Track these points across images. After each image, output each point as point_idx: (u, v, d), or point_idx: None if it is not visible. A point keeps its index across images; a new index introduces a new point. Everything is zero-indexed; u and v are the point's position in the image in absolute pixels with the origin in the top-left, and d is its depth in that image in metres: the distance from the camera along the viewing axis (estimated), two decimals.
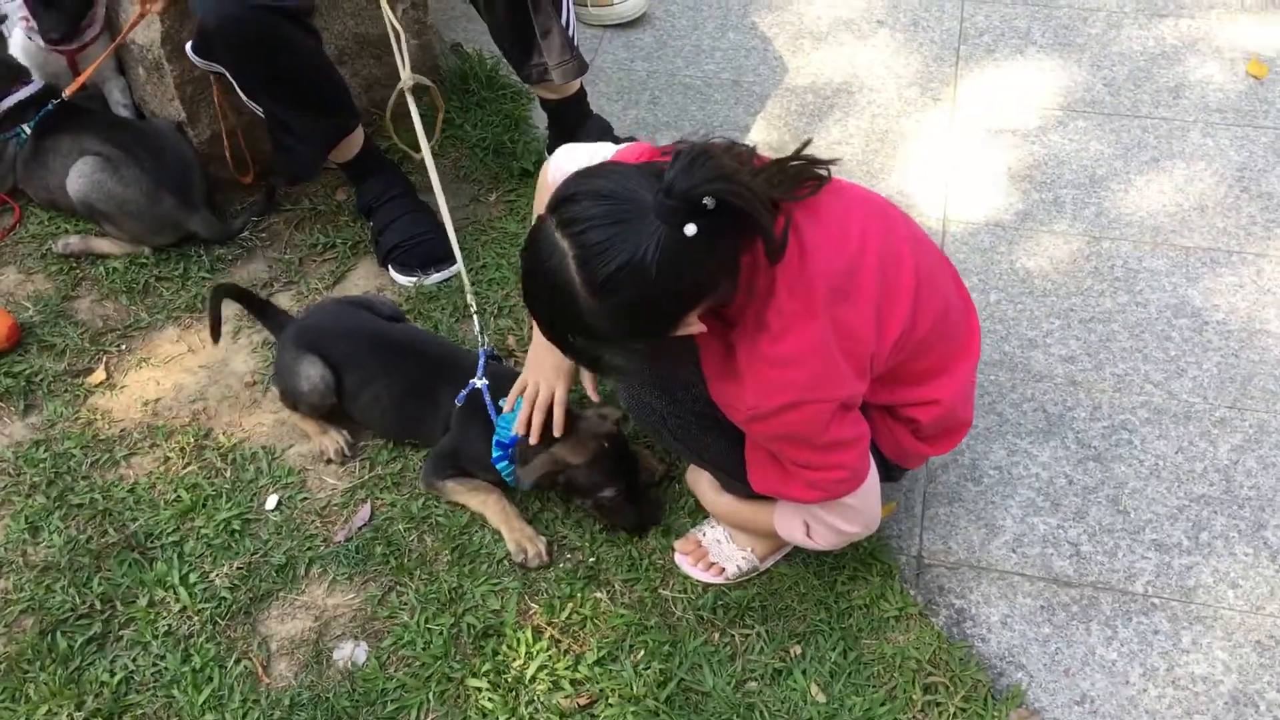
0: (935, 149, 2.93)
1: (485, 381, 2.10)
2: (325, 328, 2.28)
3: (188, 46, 2.38)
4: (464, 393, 2.11)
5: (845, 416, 1.64)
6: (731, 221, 1.44)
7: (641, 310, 1.48)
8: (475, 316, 2.23)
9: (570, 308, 1.48)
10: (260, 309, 2.41)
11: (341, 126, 2.53)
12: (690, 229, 1.41)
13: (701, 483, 2.04)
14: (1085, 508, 2.15)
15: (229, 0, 2.21)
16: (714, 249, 1.45)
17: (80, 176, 2.58)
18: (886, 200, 1.77)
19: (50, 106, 2.62)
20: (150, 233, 2.63)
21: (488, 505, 2.10)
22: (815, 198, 1.61)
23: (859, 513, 1.79)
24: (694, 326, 1.54)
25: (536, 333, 2.01)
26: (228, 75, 2.37)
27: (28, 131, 2.63)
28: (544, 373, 2.01)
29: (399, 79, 2.89)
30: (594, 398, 2.04)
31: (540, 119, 2.99)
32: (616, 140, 2.68)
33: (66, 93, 2.63)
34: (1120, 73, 3.13)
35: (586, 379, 2.04)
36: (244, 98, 2.41)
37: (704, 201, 1.41)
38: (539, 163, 2.86)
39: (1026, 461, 2.23)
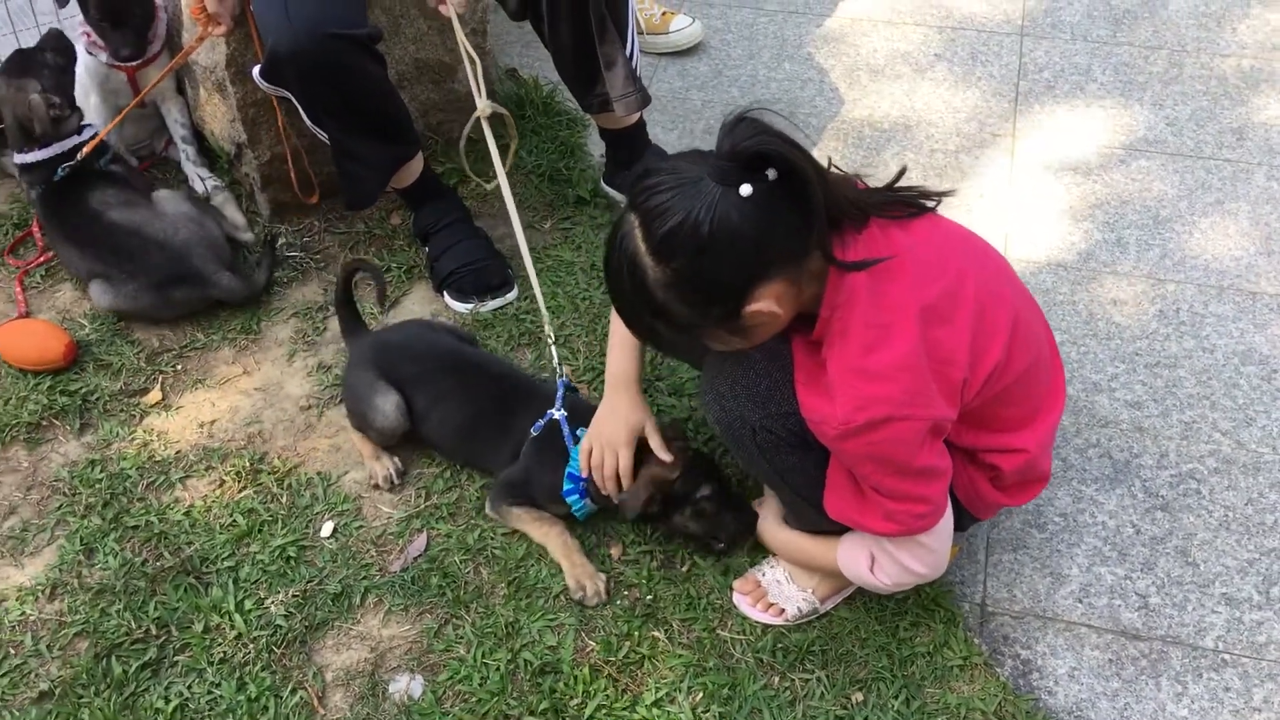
0: (995, 186, 2.90)
1: (564, 413, 2.09)
2: (402, 346, 2.27)
3: (255, 71, 2.38)
4: (541, 422, 2.10)
5: (935, 443, 1.62)
6: (789, 194, 1.48)
7: (701, 276, 1.51)
8: (552, 347, 2.22)
9: (640, 281, 1.54)
10: (348, 306, 2.41)
11: (404, 153, 2.53)
12: (745, 189, 1.45)
13: (766, 516, 2.02)
14: (1153, 558, 2.11)
15: (301, 28, 2.21)
16: (772, 217, 1.48)
17: (94, 297, 2.58)
18: (988, 244, 1.75)
19: (61, 172, 2.59)
20: (178, 315, 2.60)
21: (550, 537, 2.08)
22: (918, 224, 1.63)
23: (931, 554, 1.77)
24: (764, 305, 1.53)
25: (604, 399, 2.03)
26: (294, 100, 2.37)
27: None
28: (607, 438, 2.00)
29: (457, 104, 2.93)
30: (664, 458, 2.01)
31: (596, 146, 2.99)
32: None
33: (128, 108, 2.61)
34: (1183, 112, 3.09)
35: (654, 438, 2.01)
36: (309, 123, 2.41)
37: (767, 172, 1.45)
38: (594, 190, 2.86)
39: (1093, 509, 2.19)
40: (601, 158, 2.92)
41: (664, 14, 3.35)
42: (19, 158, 2.64)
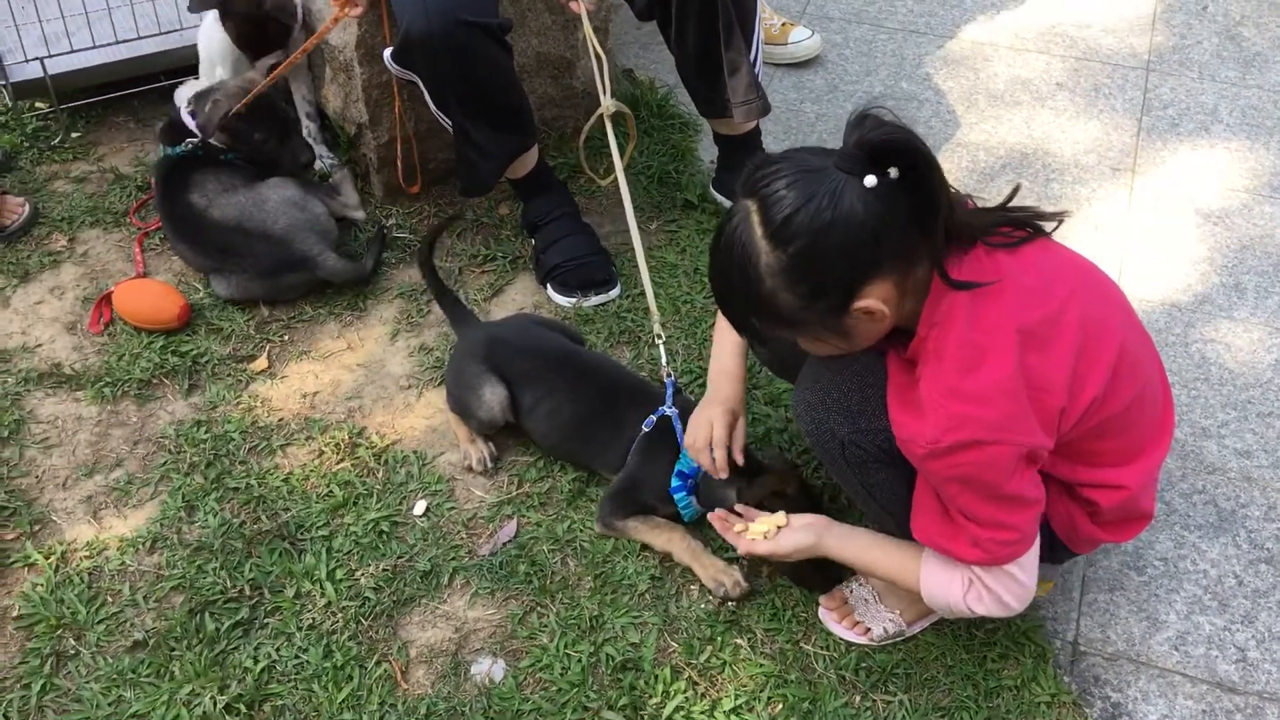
0: (1111, 220, 2.84)
1: (675, 410, 2.09)
2: (513, 341, 2.30)
3: (386, 53, 2.42)
4: (653, 418, 2.10)
5: (1027, 471, 1.60)
6: (911, 193, 1.47)
7: (816, 265, 1.50)
8: (661, 346, 2.22)
9: (750, 270, 1.53)
10: (446, 295, 2.45)
11: (523, 143, 2.55)
12: (870, 180, 1.45)
13: (832, 526, 1.98)
14: (1255, 612, 2.05)
15: (435, 12, 2.25)
16: (891, 214, 1.47)
17: (214, 288, 2.64)
18: (1106, 276, 1.72)
19: (177, 149, 2.67)
20: (295, 296, 2.65)
21: (673, 543, 2.08)
22: (1027, 249, 1.61)
23: (1020, 587, 1.72)
24: (871, 303, 1.52)
25: (706, 393, 2.01)
26: (420, 84, 2.41)
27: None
28: (701, 414, 2.01)
29: (574, 100, 2.96)
30: (738, 454, 2.00)
31: (706, 151, 2.99)
32: None
33: (261, 86, 2.66)
34: None
35: (739, 433, 2.00)
36: (434, 108, 2.45)
37: (889, 170, 1.45)
38: (702, 195, 2.86)
39: (1194, 556, 2.13)
40: (711, 163, 2.92)
41: (784, 25, 3.34)
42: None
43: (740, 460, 1.98)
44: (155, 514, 2.20)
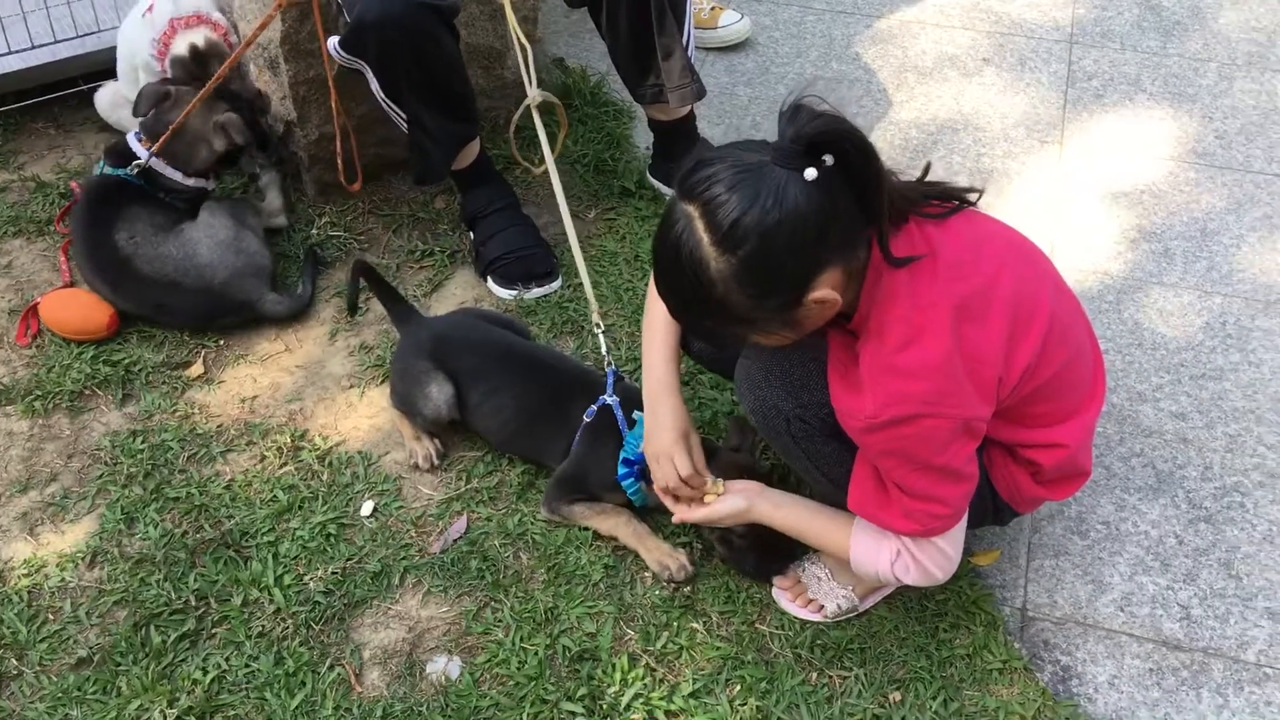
0: (1042, 191, 2.88)
1: (616, 398, 2.08)
2: (457, 337, 2.27)
3: (332, 42, 2.37)
4: (594, 408, 2.09)
5: (964, 444, 1.62)
6: (850, 179, 1.48)
7: (767, 265, 1.49)
8: (601, 336, 2.21)
9: (700, 275, 1.52)
10: (389, 295, 2.42)
11: (469, 132, 2.53)
12: (811, 173, 1.44)
13: (763, 493, 1.95)
14: (1196, 570, 2.09)
15: None
16: (834, 205, 1.47)
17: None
18: (1033, 244, 1.75)
19: (119, 171, 2.53)
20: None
21: (619, 528, 2.08)
22: (954, 221, 1.63)
23: (947, 558, 1.77)
24: (824, 293, 1.52)
25: (646, 410, 1.97)
26: (368, 73, 2.37)
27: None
28: (659, 450, 1.93)
29: (505, 91, 2.93)
30: (701, 469, 1.95)
31: (641, 138, 2.99)
32: None
33: (208, 87, 2.53)
34: (1232, 126, 3.07)
35: (697, 450, 1.95)
36: (382, 97, 2.41)
37: (824, 157, 1.45)
38: (640, 182, 2.86)
39: (1135, 518, 2.17)
40: (647, 149, 2.92)
41: (713, 9, 3.34)
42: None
43: (711, 482, 1.94)
44: (94, 528, 2.15)
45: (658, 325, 1.96)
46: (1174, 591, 2.06)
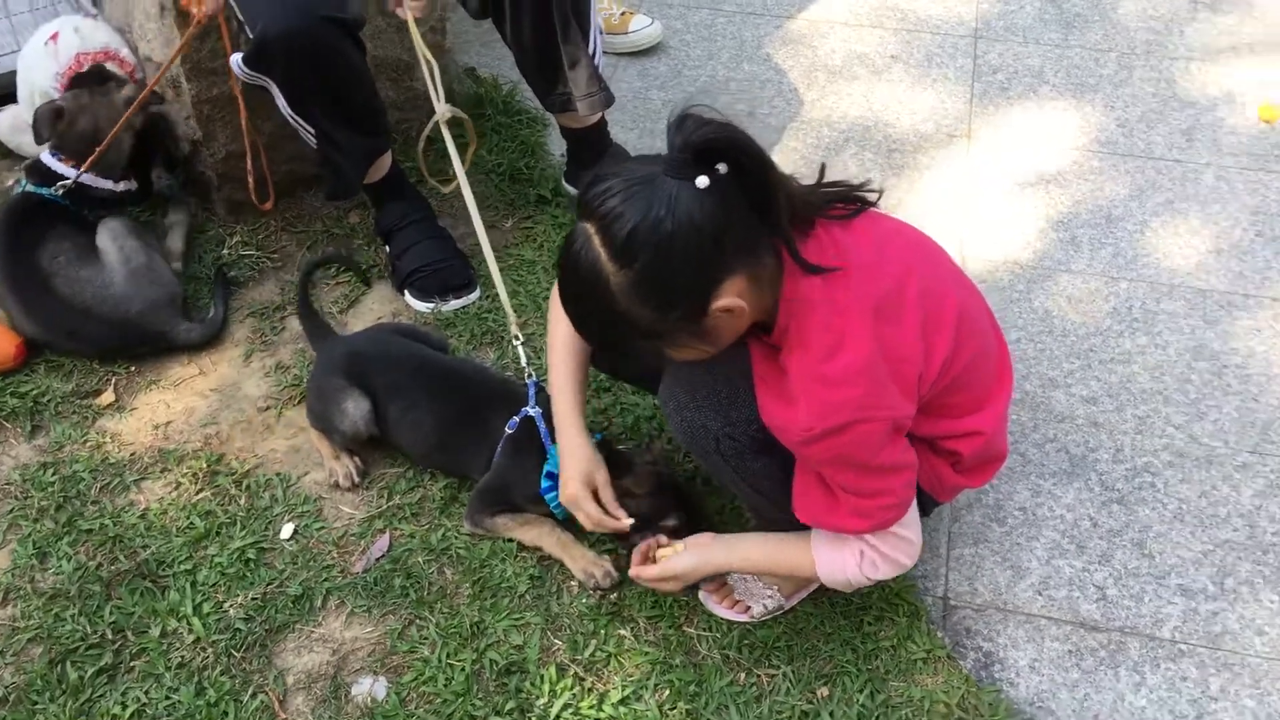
0: (952, 185, 2.93)
1: (539, 410, 2.08)
2: (372, 354, 2.25)
3: (235, 59, 2.34)
4: (515, 419, 2.08)
5: (897, 440, 1.63)
6: (744, 185, 1.49)
7: (665, 276, 1.50)
8: (520, 347, 2.21)
9: (602, 291, 1.52)
10: (308, 311, 2.40)
11: (380, 146, 2.51)
12: (702, 180, 1.45)
13: (716, 539, 1.95)
14: (1110, 551, 2.14)
15: (293, 9, 2.19)
16: (729, 210, 1.48)
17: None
18: (930, 239, 1.77)
19: (44, 191, 2.48)
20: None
21: (543, 537, 2.07)
22: (858, 223, 1.64)
23: (909, 544, 1.77)
24: (729, 301, 1.53)
25: (558, 443, 1.97)
26: (274, 89, 2.33)
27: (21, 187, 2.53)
28: (570, 499, 1.95)
29: (415, 103, 2.91)
30: (616, 516, 1.95)
31: (556, 145, 2.98)
32: None
33: (129, 112, 2.50)
34: (1133, 114, 3.14)
35: (605, 491, 1.95)
36: (288, 112, 2.37)
37: (717, 165, 1.45)
38: (555, 189, 2.85)
39: (1050, 503, 2.21)
40: (562, 157, 2.92)
41: (623, 14, 3.35)
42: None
43: (624, 519, 1.95)
44: (5, 564, 2.10)
45: (558, 349, 1.96)
46: (1090, 573, 2.10)
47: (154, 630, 1.99)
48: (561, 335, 1.95)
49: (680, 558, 1.90)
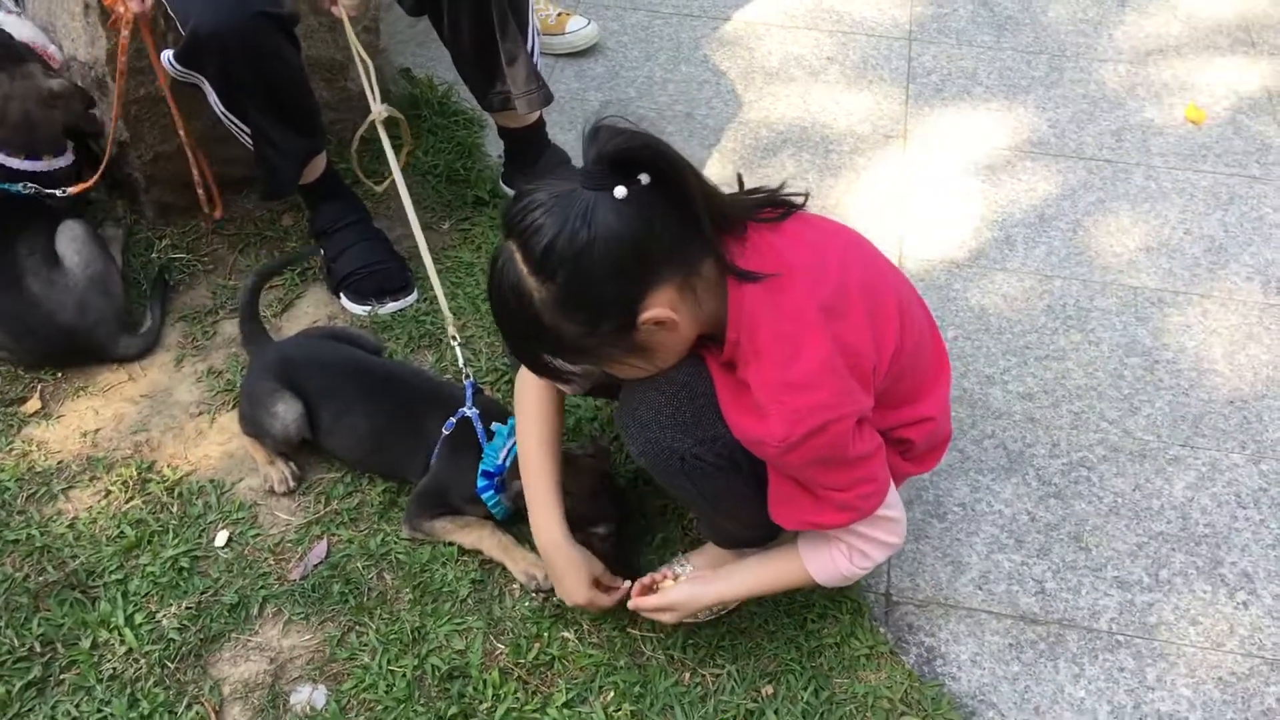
0: (888, 185, 2.95)
1: (476, 410, 2.05)
2: (304, 359, 2.21)
3: (167, 55, 2.28)
4: (453, 420, 2.06)
5: (862, 430, 1.63)
6: (665, 195, 1.48)
7: (586, 289, 1.49)
8: (458, 348, 2.18)
9: (527, 309, 1.52)
10: (250, 314, 2.36)
11: (315, 146, 2.47)
12: (620, 191, 1.45)
13: (707, 578, 1.92)
14: (1048, 545, 2.16)
15: (224, 7, 2.15)
16: (649, 218, 1.47)
17: None
18: (858, 233, 1.77)
19: (13, 188, 2.39)
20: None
21: (483, 540, 2.05)
22: (789, 226, 1.64)
23: (895, 523, 1.77)
24: (658, 313, 1.51)
25: (543, 554, 1.93)
26: (206, 87, 2.28)
27: None
28: (582, 602, 1.90)
29: (350, 103, 2.87)
30: (616, 593, 1.94)
31: (493, 146, 2.96)
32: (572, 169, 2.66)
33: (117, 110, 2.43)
34: (1064, 115, 3.19)
35: (605, 579, 1.94)
36: (221, 111, 2.32)
37: (639, 176, 1.45)
38: (493, 190, 2.83)
39: (989, 499, 2.24)
40: (499, 157, 2.89)
41: (560, 15, 3.34)
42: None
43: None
44: None
45: (529, 433, 1.91)
46: (1029, 567, 2.13)
47: (84, 642, 1.94)
48: (530, 408, 1.91)
49: (678, 589, 1.88)
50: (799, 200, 1.66)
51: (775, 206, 1.64)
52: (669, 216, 1.48)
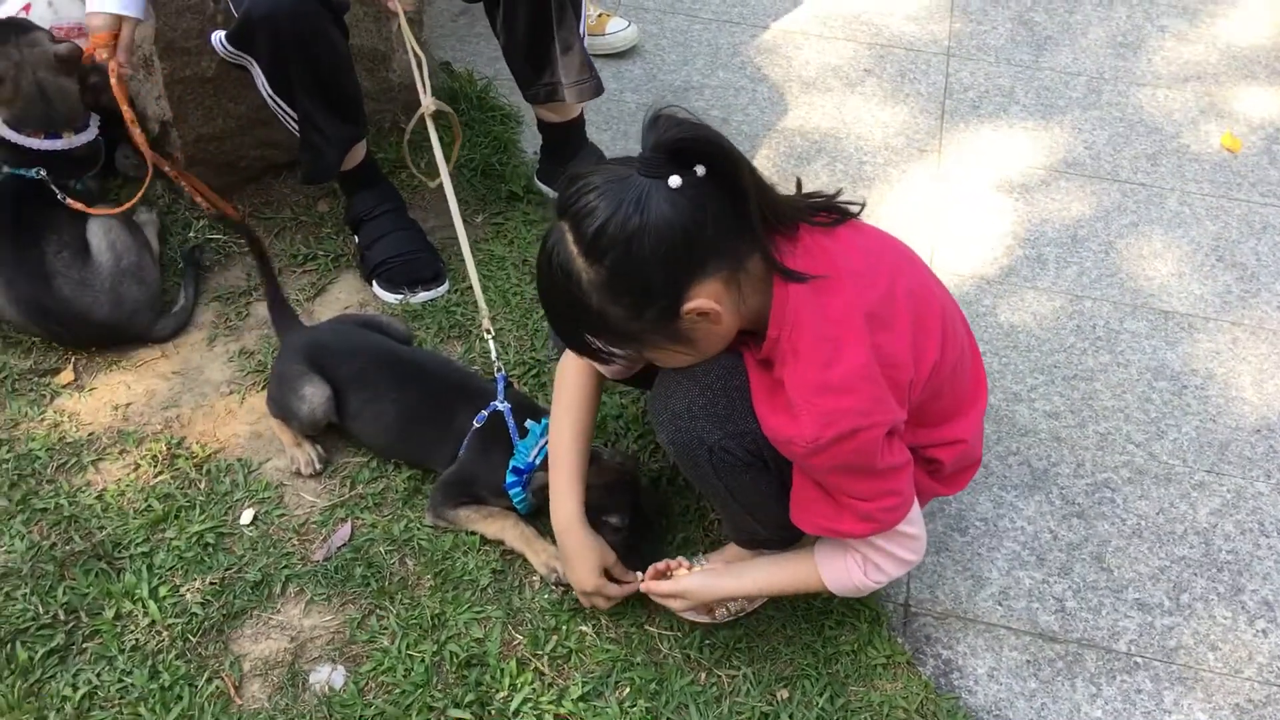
0: (921, 199, 2.96)
1: (508, 405, 2.06)
2: (335, 345, 2.23)
3: (218, 36, 2.30)
4: (484, 413, 2.07)
5: (892, 442, 1.63)
6: (718, 188, 1.49)
7: (634, 274, 1.50)
8: (491, 341, 2.20)
9: (575, 289, 1.53)
10: (276, 299, 2.38)
11: (358, 133, 2.49)
12: (674, 180, 1.45)
13: (720, 572, 1.93)
14: (1070, 564, 2.16)
15: None
16: (701, 211, 1.48)
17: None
18: (909, 247, 1.78)
19: (28, 173, 2.40)
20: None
21: (506, 530, 2.06)
22: (842, 231, 1.64)
23: (914, 540, 1.76)
24: (702, 303, 1.52)
25: (558, 537, 1.94)
26: (255, 69, 2.31)
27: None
28: (589, 589, 1.93)
29: (390, 94, 2.90)
30: (627, 583, 1.96)
31: (528, 143, 2.98)
32: None
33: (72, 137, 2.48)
34: (1100, 137, 3.19)
35: (616, 569, 1.95)
36: (269, 93, 2.35)
37: (695, 167, 1.46)
38: (527, 186, 2.85)
39: (1012, 515, 2.24)
40: (534, 154, 2.91)
41: (600, 15, 3.35)
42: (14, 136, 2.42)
43: (636, 579, 1.95)
44: None
45: (563, 423, 1.93)
46: (1049, 585, 2.13)
47: (108, 612, 1.95)
48: (569, 393, 1.94)
49: (691, 577, 1.89)
50: (855, 208, 1.67)
51: (830, 212, 1.64)
52: (721, 210, 1.49)
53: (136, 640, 1.92)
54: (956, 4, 3.69)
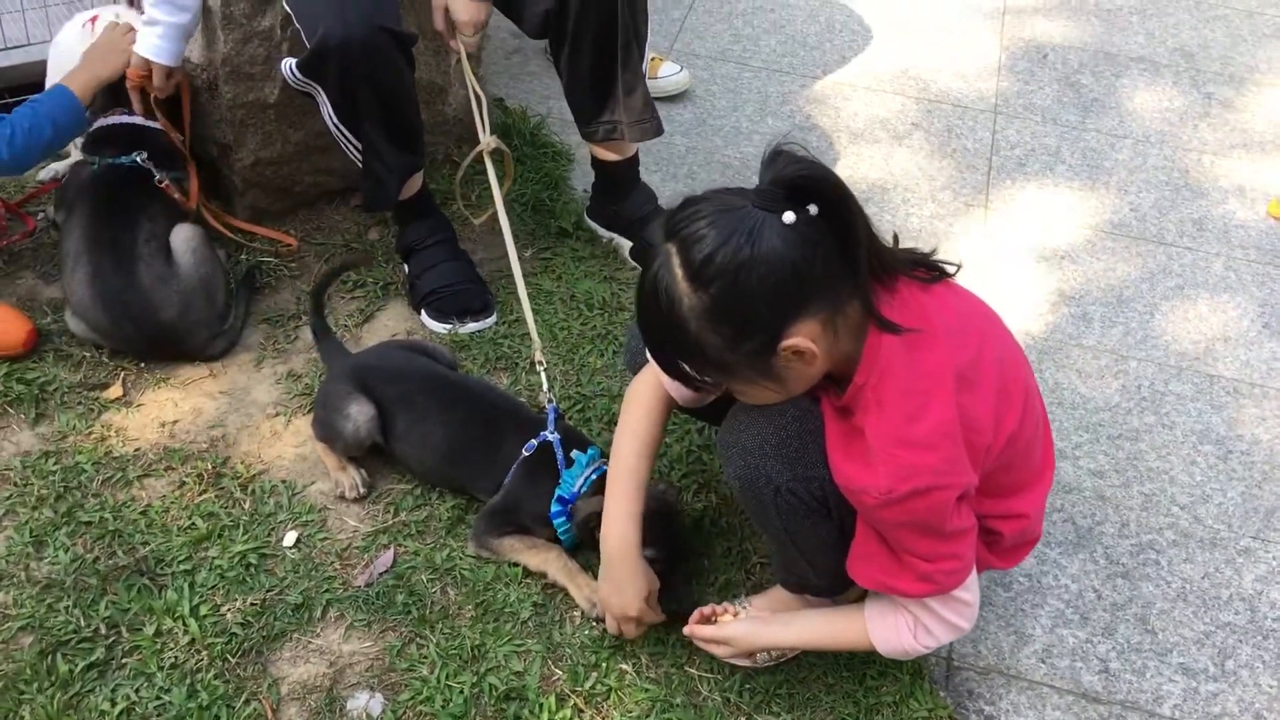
0: (968, 254, 2.96)
1: (557, 435, 2.07)
2: (381, 367, 2.25)
3: (288, 64, 2.34)
4: (534, 442, 2.07)
5: (961, 506, 1.61)
6: (831, 229, 1.48)
7: (738, 305, 1.49)
8: (543, 373, 2.21)
9: (674, 312, 1.52)
10: (321, 325, 2.40)
11: (417, 163, 2.52)
12: (789, 216, 1.45)
13: (768, 620, 1.91)
14: (1114, 624, 2.14)
15: (355, 20, 2.20)
16: (812, 251, 1.47)
17: (69, 323, 2.45)
18: (997, 313, 1.77)
19: (128, 160, 2.47)
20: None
21: (550, 563, 2.05)
22: (938, 289, 1.64)
23: (969, 607, 1.74)
24: (799, 341, 1.50)
25: (605, 565, 1.92)
26: (321, 96, 2.34)
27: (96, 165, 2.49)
28: (631, 613, 1.92)
29: (445, 127, 2.94)
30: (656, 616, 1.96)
31: (579, 180, 3.00)
32: (659, 210, 2.69)
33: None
34: (1146, 200, 3.20)
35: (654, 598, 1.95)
36: (335, 122, 2.38)
37: (808, 206, 1.46)
38: (577, 223, 2.87)
39: (1056, 572, 2.22)
40: (585, 191, 2.93)
41: (653, 59, 3.39)
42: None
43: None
44: (0, 550, 2.06)
45: (627, 452, 1.91)
46: (1093, 645, 2.10)
47: (149, 628, 1.95)
48: (637, 414, 1.92)
49: (736, 624, 1.88)
50: (951, 269, 1.67)
51: (929, 269, 1.64)
52: (830, 251, 1.48)
53: (176, 658, 1.92)
54: (1004, 64, 3.72)
